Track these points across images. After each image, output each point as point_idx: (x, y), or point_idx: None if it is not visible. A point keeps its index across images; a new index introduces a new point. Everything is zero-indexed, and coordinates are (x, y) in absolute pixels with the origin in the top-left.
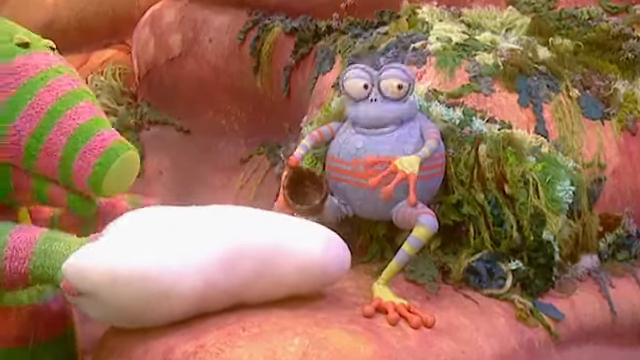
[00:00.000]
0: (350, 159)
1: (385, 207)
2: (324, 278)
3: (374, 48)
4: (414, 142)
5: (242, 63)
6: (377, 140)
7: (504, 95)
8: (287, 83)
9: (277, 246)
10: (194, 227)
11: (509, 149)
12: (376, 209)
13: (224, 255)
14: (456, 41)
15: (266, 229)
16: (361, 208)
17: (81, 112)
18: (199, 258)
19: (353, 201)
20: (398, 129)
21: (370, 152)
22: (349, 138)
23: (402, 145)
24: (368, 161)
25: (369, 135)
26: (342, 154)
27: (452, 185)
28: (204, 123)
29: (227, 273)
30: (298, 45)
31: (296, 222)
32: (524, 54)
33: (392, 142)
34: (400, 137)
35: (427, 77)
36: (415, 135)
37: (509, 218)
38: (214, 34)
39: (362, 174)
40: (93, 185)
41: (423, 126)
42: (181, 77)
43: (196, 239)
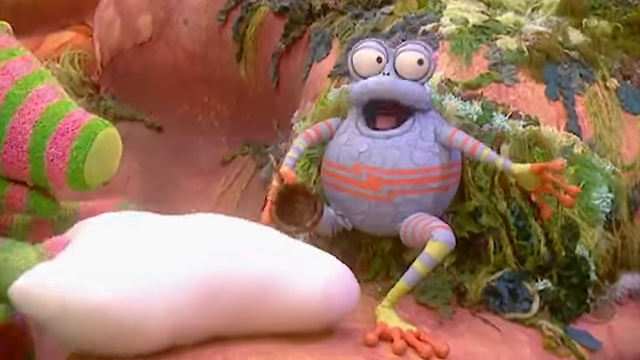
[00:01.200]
0: (352, 164)
1: (392, 221)
2: (326, 318)
3: (377, 31)
4: (425, 148)
5: (223, 49)
6: (384, 144)
7: (530, 86)
8: (276, 72)
9: (267, 279)
10: (168, 246)
11: (536, 150)
12: (381, 223)
13: (200, 288)
14: (473, 23)
15: (255, 254)
16: (363, 222)
17: (43, 95)
18: (169, 291)
19: (354, 214)
20: (408, 132)
21: (375, 157)
22: (352, 139)
23: (412, 151)
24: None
25: (375, 138)
26: (342, 158)
27: (469, 192)
28: (179, 119)
29: (203, 310)
30: (289, 27)
31: (294, 246)
32: (553, 38)
33: (401, 146)
34: (410, 141)
35: (440, 65)
36: (427, 139)
37: (536, 230)
38: (190, 15)
39: (365, 183)
40: (73, 175)
41: (441, 131)
42: (151, 65)
43: (168, 264)
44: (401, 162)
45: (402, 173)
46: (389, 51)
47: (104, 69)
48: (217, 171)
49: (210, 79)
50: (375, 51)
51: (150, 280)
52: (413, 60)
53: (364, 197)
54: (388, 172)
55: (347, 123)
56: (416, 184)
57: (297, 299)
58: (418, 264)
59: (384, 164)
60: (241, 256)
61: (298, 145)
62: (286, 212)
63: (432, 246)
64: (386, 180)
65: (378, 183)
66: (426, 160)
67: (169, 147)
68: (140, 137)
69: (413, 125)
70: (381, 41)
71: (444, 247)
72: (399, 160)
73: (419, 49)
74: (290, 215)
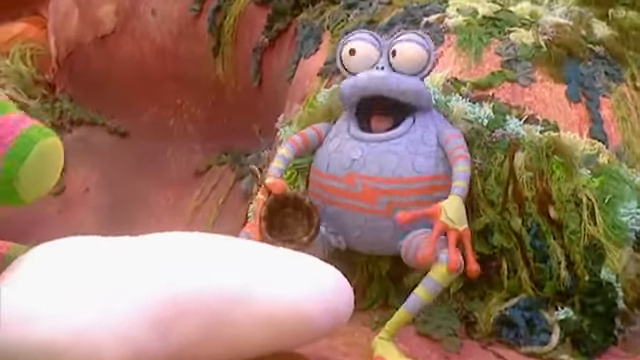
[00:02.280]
0: (343, 174)
1: (392, 238)
2: (306, 333)
3: (374, 23)
4: (428, 153)
5: (197, 43)
6: (380, 149)
7: (548, 86)
8: (258, 69)
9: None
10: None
11: (555, 159)
12: (379, 240)
13: (158, 312)
14: (483, 13)
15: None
16: (359, 239)
17: None
18: (124, 318)
19: (348, 230)
20: (407, 134)
21: (370, 165)
22: (343, 145)
23: (412, 157)
24: (399, 219)
25: (369, 142)
26: (333, 167)
27: (478, 207)
28: (146, 123)
29: (164, 336)
30: (272, 18)
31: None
32: (575, 31)
33: (400, 152)
34: (410, 145)
35: (445, 62)
36: (430, 142)
37: (555, 251)
38: (159, 4)
39: (360, 195)
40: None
41: (441, 132)
42: (115, 61)
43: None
44: (401, 169)
45: (402, 182)
46: (383, 43)
47: (60, 66)
48: (190, 183)
49: (182, 78)
50: (367, 43)
51: (102, 308)
52: (411, 52)
53: (359, 211)
54: (386, 181)
55: (338, 127)
56: (419, 194)
57: (268, 318)
58: (421, 290)
59: (381, 172)
60: (204, 276)
61: (284, 153)
62: (277, 228)
63: (437, 270)
64: (384, 190)
65: (375, 194)
66: (429, 167)
67: (135, 155)
68: (101, 144)
69: (413, 126)
70: (373, 32)
71: (451, 273)
72: (398, 167)
73: (417, 40)
74: (282, 231)
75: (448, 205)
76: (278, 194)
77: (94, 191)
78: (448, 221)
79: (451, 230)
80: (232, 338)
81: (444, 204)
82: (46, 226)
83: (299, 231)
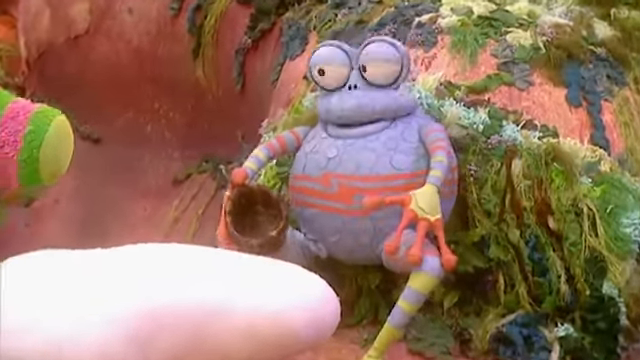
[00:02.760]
0: (319, 174)
1: (371, 241)
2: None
3: (363, 23)
4: (408, 149)
5: (176, 43)
6: (357, 146)
7: (547, 89)
8: (240, 72)
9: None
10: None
11: (554, 166)
12: (358, 244)
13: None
14: (479, 13)
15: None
16: (338, 245)
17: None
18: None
19: (326, 235)
20: (387, 129)
21: (346, 163)
22: (319, 145)
23: (391, 154)
24: (365, 205)
25: (345, 139)
26: (309, 168)
27: (473, 217)
28: (121, 129)
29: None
30: (256, 18)
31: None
32: (575, 31)
33: (378, 148)
34: (389, 141)
35: (438, 64)
36: (410, 139)
37: (555, 264)
38: (136, 2)
39: (337, 195)
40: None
41: (423, 126)
42: (89, 63)
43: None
44: (378, 166)
45: (379, 179)
46: (353, 55)
47: (30, 68)
48: (168, 192)
49: (160, 80)
50: (336, 62)
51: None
52: (382, 64)
53: (336, 212)
54: (362, 179)
55: (317, 128)
56: (398, 192)
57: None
58: (403, 302)
59: (357, 170)
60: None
61: (257, 154)
62: (247, 224)
63: (416, 278)
64: (360, 189)
65: (351, 193)
66: (409, 163)
67: (109, 163)
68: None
69: (394, 122)
70: (341, 44)
71: (430, 279)
72: (376, 164)
73: (386, 51)
74: (251, 228)
75: (420, 194)
76: (242, 187)
77: (65, 202)
78: (418, 210)
79: (421, 219)
80: (213, 351)
81: (416, 192)
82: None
83: (268, 229)
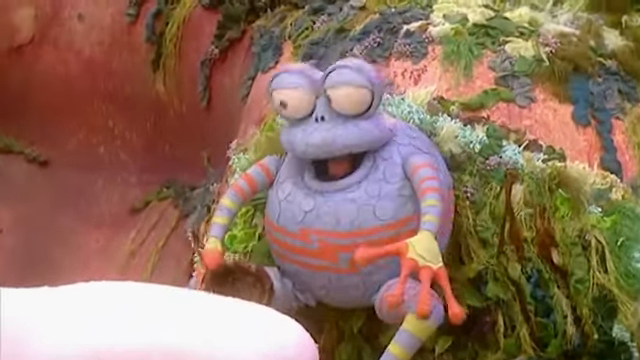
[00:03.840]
0: (296, 228)
1: (364, 294)
2: None
3: (345, 31)
4: (392, 193)
5: (133, 54)
6: (336, 199)
7: (551, 106)
8: (206, 86)
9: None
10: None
11: (559, 193)
12: (350, 298)
13: None
14: (475, 21)
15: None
16: (328, 297)
17: None
18: None
19: (314, 289)
20: (368, 176)
21: (324, 216)
22: (294, 194)
23: (374, 203)
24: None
25: (324, 192)
26: (284, 220)
27: (469, 248)
28: (71, 151)
29: None
30: (223, 25)
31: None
32: (582, 42)
33: (358, 198)
34: (370, 187)
35: (428, 78)
36: (393, 179)
37: (560, 304)
38: (87, 8)
39: (318, 252)
40: None
41: (407, 159)
42: (34, 76)
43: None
44: (360, 220)
45: (363, 234)
46: (317, 83)
47: None
48: (125, 222)
49: (115, 96)
50: (298, 91)
51: None
52: (347, 92)
53: (321, 270)
54: (344, 235)
55: (289, 166)
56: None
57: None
58: (394, 347)
59: (337, 225)
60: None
61: (227, 205)
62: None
63: (411, 320)
64: (344, 246)
65: (334, 251)
66: (395, 211)
67: (58, 189)
68: (18, 175)
69: (374, 164)
70: (305, 68)
71: (429, 323)
72: (357, 218)
73: (351, 78)
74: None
75: (417, 240)
76: (215, 269)
77: (7, 233)
78: (418, 257)
79: (423, 268)
80: None
81: (411, 239)
82: None
83: (253, 295)
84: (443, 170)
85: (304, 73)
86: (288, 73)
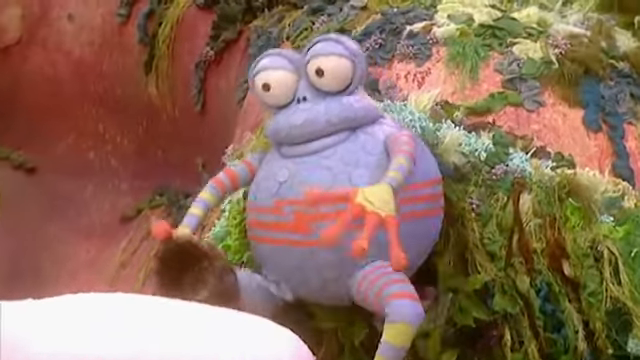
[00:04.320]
0: (271, 202)
1: (339, 277)
2: None
3: (345, 32)
4: (371, 163)
5: (125, 56)
6: (310, 164)
7: (560, 111)
8: (201, 89)
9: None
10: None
11: (570, 202)
12: (325, 284)
13: None
14: (481, 21)
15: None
16: (303, 285)
17: None
18: None
19: (288, 274)
20: (345, 141)
21: (299, 186)
22: (270, 168)
23: (350, 170)
24: (307, 198)
25: (296, 158)
26: (261, 197)
27: (474, 260)
28: (60, 156)
29: None
30: (219, 26)
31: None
32: (593, 43)
33: (334, 165)
34: (347, 155)
35: (433, 81)
36: (374, 150)
37: (571, 317)
38: (77, 8)
39: (292, 225)
40: None
41: (390, 135)
42: (21, 78)
43: None
44: (336, 187)
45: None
46: (298, 63)
47: None
48: (115, 231)
49: (106, 99)
50: (280, 70)
51: None
52: (331, 67)
53: (294, 245)
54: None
55: (272, 150)
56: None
57: None
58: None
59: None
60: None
61: (205, 197)
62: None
63: (389, 331)
64: (318, 215)
65: (308, 221)
66: (373, 179)
67: (46, 196)
68: (4, 182)
69: (354, 133)
70: (283, 51)
71: (405, 328)
72: (333, 184)
73: (333, 49)
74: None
75: (369, 189)
76: (168, 241)
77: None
78: (366, 203)
79: (369, 214)
80: None
81: (364, 187)
82: None
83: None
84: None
85: (284, 54)
86: (269, 56)
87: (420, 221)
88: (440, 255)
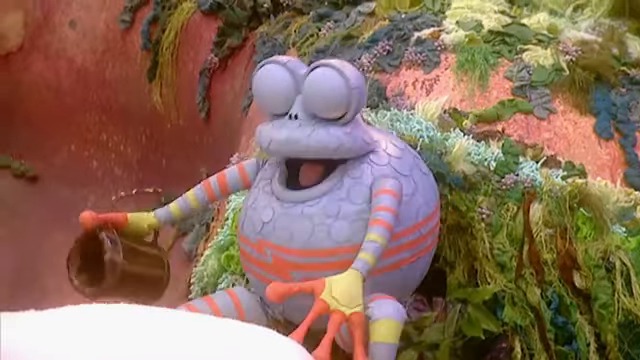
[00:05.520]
0: (255, 239)
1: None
2: None
3: (352, 39)
4: (352, 214)
5: (128, 63)
6: (293, 211)
7: (571, 118)
8: (205, 97)
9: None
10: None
11: (581, 212)
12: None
13: None
14: (490, 27)
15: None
16: (285, 314)
17: None
18: None
19: (271, 304)
20: (330, 191)
21: (280, 231)
22: (258, 201)
23: (330, 222)
24: (270, 293)
25: (283, 202)
26: (247, 228)
27: (484, 271)
28: (62, 164)
29: None
30: (224, 32)
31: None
32: (604, 50)
33: (315, 215)
34: (330, 205)
35: (441, 88)
36: (357, 199)
37: (583, 330)
38: (80, 13)
39: (272, 267)
40: None
41: (376, 182)
42: (23, 86)
43: None
44: (314, 239)
45: (316, 255)
46: (298, 77)
47: None
48: None
49: (109, 107)
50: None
51: None
52: (326, 93)
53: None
54: (297, 253)
55: (265, 170)
56: (339, 269)
57: None
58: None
59: (290, 241)
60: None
61: (187, 195)
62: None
63: (376, 330)
64: (296, 265)
65: (286, 268)
66: (352, 234)
67: (48, 206)
68: (5, 191)
69: (340, 181)
70: (291, 60)
71: (389, 323)
72: (312, 236)
73: (331, 79)
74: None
75: (337, 281)
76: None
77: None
78: (331, 300)
79: (334, 312)
80: None
81: (332, 278)
82: None
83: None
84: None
85: (288, 66)
86: (272, 64)
87: (406, 268)
88: (449, 266)
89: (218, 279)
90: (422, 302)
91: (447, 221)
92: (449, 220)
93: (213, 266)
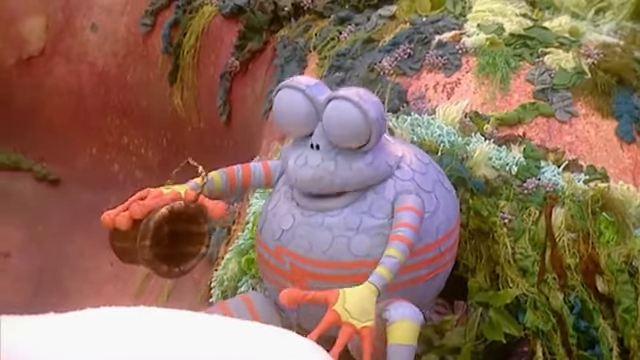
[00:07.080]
0: (273, 245)
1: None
2: None
3: (373, 42)
4: (373, 229)
5: (149, 66)
6: (313, 221)
7: (593, 122)
8: (226, 100)
9: None
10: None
11: (604, 216)
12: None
13: None
14: (511, 30)
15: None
16: (299, 321)
17: None
18: None
19: (287, 311)
20: (353, 204)
21: (299, 239)
22: (278, 207)
23: (350, 235)
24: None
25: (304, 209)
26: (265, 234)
27: (506, 276)
28: (84, 168)
29: None
30: (245, 36)
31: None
32: (626, 53)
33: (335, 227)
34: (351, 217)
35: (463, 91)
36: (379, 214)
37: (605, 335)
38: (101, 17)
39: (289, 275)
40: None
41: (399, 197)
42: (44, 90)
43: None
44: (333, 250)
45: (335, 267)
46: (318, 104)
47: None
48: None
49: (130, 110)
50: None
51: None
52: (344, 127)
53: None
54: (315, 263)
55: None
56: (356, 282)
57: None
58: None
59: (309, 251)
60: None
61: (214, 175)
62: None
63: (394, 332)
64: (314, 275)
65: (304, 277)
66: (371, 248)
67: (69, 209)
68: (27, 194)
69: (363, 194)
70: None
71: (407, 324)
72: (331, 247)
73: (348, 109)
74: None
75: (351, 293)
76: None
77: (16, 256)
78: (343, 312)
79: (345, 324)
80: None
81: (347, 290)
82: None
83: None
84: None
85: (307, 94)
86: (293, 90)
87: (422, 285)
88: (470, 270)
89: (238, 282)
90: (443, 305)
91: (469, 226)
92: (471, 225)
93: (233, 269)
